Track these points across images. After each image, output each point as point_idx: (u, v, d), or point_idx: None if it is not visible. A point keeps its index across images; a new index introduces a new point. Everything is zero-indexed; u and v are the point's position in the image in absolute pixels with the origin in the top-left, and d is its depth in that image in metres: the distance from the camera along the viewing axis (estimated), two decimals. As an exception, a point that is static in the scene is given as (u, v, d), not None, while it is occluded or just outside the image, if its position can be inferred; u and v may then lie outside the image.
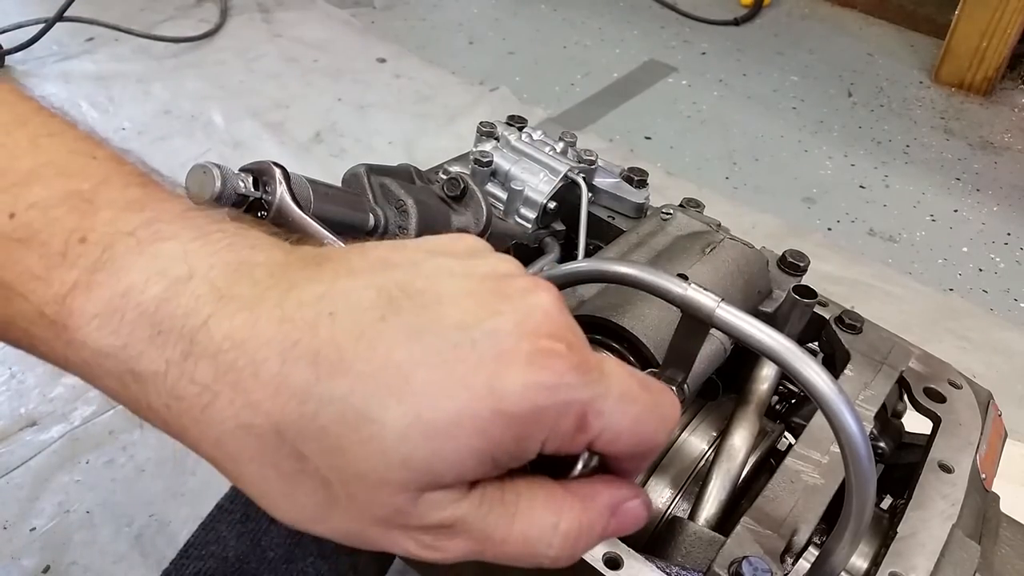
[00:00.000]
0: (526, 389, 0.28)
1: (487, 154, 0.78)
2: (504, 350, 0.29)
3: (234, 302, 0.29)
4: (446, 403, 0.28)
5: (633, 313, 0.60)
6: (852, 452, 0.39)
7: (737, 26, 2.32)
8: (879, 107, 2.03)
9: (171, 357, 0.29)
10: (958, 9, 2.05)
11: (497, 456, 0.29)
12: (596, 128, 1.83)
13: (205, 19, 1.98)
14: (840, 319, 0.68)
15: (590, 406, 0.30)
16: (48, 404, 1.07)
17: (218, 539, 0.84)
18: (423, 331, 0.29)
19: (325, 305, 0.29)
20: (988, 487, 0.60)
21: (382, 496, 0.28)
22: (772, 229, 1.55)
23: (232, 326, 0.29)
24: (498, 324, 0.29)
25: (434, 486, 0.29)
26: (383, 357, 0.28)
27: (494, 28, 2.18)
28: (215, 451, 0.29)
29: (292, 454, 0.28)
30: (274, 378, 0.28)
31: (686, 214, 0.76)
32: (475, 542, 0.31)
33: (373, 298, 0.29)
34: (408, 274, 0.31)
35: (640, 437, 0.32)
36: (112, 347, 0.29)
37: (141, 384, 0.29)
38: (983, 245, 1.61)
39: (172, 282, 0.29)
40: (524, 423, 0.28)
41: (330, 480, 0.28)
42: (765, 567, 0.47)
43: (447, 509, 0.29)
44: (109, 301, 0.29)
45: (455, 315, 0.29)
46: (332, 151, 1.63)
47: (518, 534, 0.31)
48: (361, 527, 0.30)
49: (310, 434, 0.28)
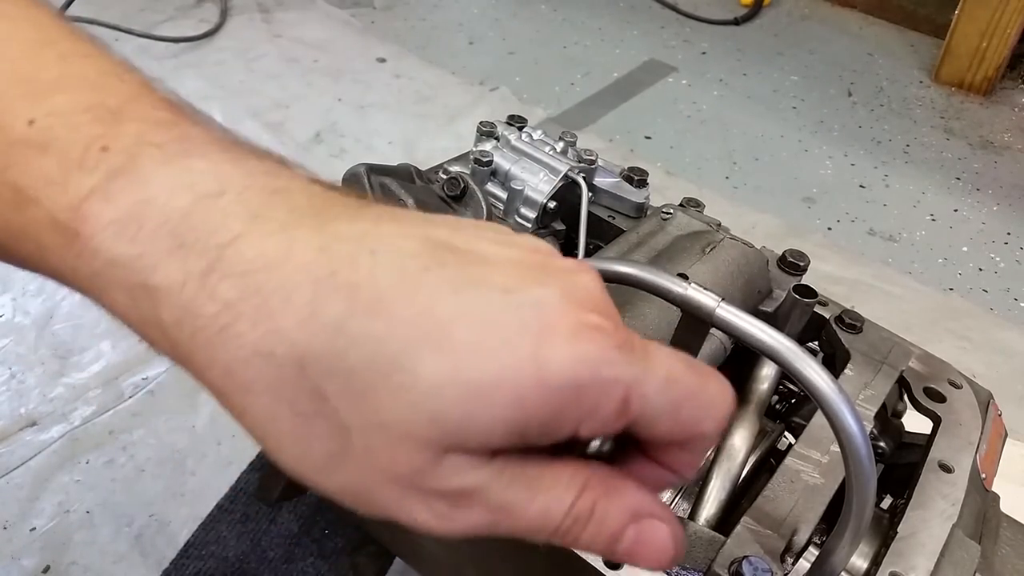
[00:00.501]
0: (571, 362, 0.26)
1: (487, 154, 0.78)
2: (549, 320, 0.27)
3: (269, 223, 0.27)
4: (487, 364, 0.26)
5: (633, 312, 0.60)
6: (852, 452, 0.39)
7: (737, 26, 2.32)
8: (879, 107, 2.03)
9: (192, 270, 0.26)
10: (958, 9, 2.05)
11: (529, 429, 0.27)
12: (596, 128, 1.83)
13: (205, 19, 1.98)
14: (840, 319, 0.68)
15: (634, 388, 0.28)
16: (48, 404, 1.07)
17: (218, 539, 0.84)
18: (468, 287, 0.27)
19: (368, 243, 0.27)
20: (988, 487, 0.60)
21: (403, 450, 0.26)
22: (772, 229, 1.55)
23: (264, 247, 0.27)
24: (544, 294, 0.28)
25: (459, 448, 0.27)
26: (425, 306, 0.26)
27: (494, 28, 2.18)
28: (224, 379, 0.27)
29: (312, 392, 0.26)
30: (305, 306, 0.26)
31: (686, 214, 0.76)
32: (491, 513, 0.28)
33: (417, 247, 0.28)
34: (452, 233, 0.29)
35: (681, 422, 0.30)
36: (126, 256, 0.27)
37: (153, 298, 0.27)
38: (983, 245, 1.61)
39: (201, 196, 0.27)
40: (563, 398, 0.27)
41: (349, 426, 0.26)
42: (765, 567, 0.47)
43: (468, 475, 0.27)
44: (128, 208, 0.27)
45: (501, 278, 0.28)
46: (332, 151, 1.63)
47: (537, 510, 0.29)
48: (373, 484, 0.27)
49: (336, 372, 0.26)
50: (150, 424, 1.06)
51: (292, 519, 0.85)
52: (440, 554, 0.66)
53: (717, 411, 0.31)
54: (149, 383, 1.10)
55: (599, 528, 0.30)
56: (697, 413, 0.30)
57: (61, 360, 1.12)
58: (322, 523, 0.85)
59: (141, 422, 1.06)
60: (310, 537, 0.84)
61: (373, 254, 0.27)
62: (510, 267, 0.28)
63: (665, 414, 0.29)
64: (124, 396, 1.09)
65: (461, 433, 0.26)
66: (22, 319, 1.17)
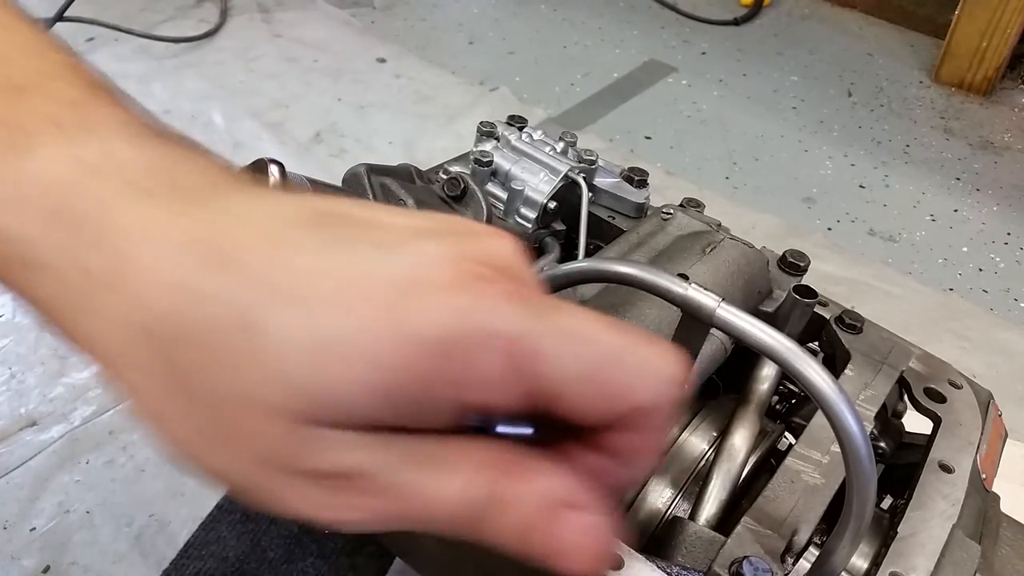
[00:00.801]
0: (438, 311, 0.23)
1: (487, 154, 0.78)
2: (424, 272, 0.24)
3: (145, 196, 0.25)
4: (342, 319, 0.23)
5: (633, 313, 0.60)
6: (852, 452, 0.39)
7: (737, 26, 2.32)
8: (879, 107, 2.03)
9: (64, 243, 0.25)
10: (958, 9, 2.05)
11: (395, 394, 0.23)
12: (596, 128, 1.83)
13: (205, 19, 1.98)
14: (840, 319, 0.68)
15: (524, 341, 0.24)
16: (48, 404, 1.07)
17: (218, 539, 0.84)
18: (337, 243, 0.24)
19: (242, 210, 0.25)
20: (988, 487, 0.60)
21: (260, 422, 0.23)
22: (772, 229, 1.55)
23: (134, 217, 0.25)
24: (427, 248, 0.24)
25: (326, 421, 0.23)
26: (283, 259, 0.24)
27: (494, 28, 2.18)
28: (98, 355, 0.25)
29: (166, 361, 0.24)
30: (159, 270, 0.24)
31: (686, 214, 0.76)
32: (378, 498, 0.24)
33: (293, 212, 0.25)
34: (349, 206, 0.26)
35: (602, 390, 0.25)
36: (6, 231, 0.25)
37: (28, 271, 0.26)
38: (983, 245, 1.61)
39: (83, 167, 0.26)
40: (429, 353, 0.23)
41: (205, 400, 0.24)
42: (765, 567, 0.47)
43: (345, 453, 0.24)
44: (11, 180, 0.26)
45: (379, 237, 0.25)
46: (332, 151, 1.63)
47: (431, 493, 0.25)
48: (243, 466, 0.24)
49: (182, 338, 0.23)
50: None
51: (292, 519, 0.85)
52: (440, 554, 0.66)
53: (653, 376, 0.26)
54: (149, 383, 1.10)
55: (507, 515, 0.25)
56: (622, 377, 0.25)
57: (61, 360, 1.12)
58: (322, 523, 0.85)
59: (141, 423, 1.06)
60: (310, 537, 0.84)
61: (242, 218, 0.25)
62: (398, 230, 0.25)
63: (576, 379, 0.24)
64: (124, 396, 1.09)
65: (316, 399, 0.23)
66: (22, 319, 1.17)
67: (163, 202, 0.25)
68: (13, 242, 0.25)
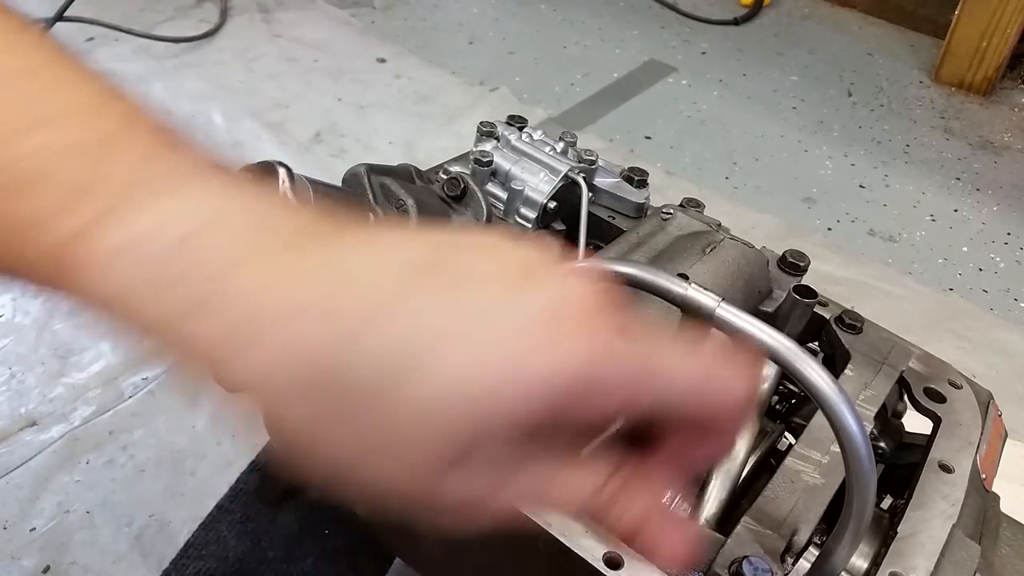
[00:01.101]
0: (580, 351, 0.28)
1: (487, 154, 0.78)
2: (544, 322, 0.28)
3: (262, 251, 0.28)
4: (483, 371, 0.27)
5: (633, 313, 0.60)
6: (852, 452, 0.39)
7: (737, 26, 2.32)
8: (879, 107, 2.03)
9: (192, 297, 0.27)
10: (958, 9, 2.05)
11: (550, 418, 0.28)
12: (596, 128, 1.83)
13: (205, 19, 1.98)
14: (840, 319, 0.68)
15: (640, 368, 0.29)
16: (48, 404, 1.07)
17: (218, 539, 0.85)
18: (458, 303, 0.28)
19: (357, 263, 0.29)
20: (988, 487, 0.60)
21: (430, 435, 0.28)
22: (772, 229, 1.55)
23: (260, 272, 0.28)
24: (538, 299, 0.29)
25: (488, 432, 0.28)
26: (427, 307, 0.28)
27: (494, 28, 2.18)
28: (257, 391, 0.28)
29: (327, 397, 0.28)
30: (309, 323, 0.27)
31: (686, 214, 0.76)
32: (535, 484, 0.30)
33: (412, 258, 0.29)
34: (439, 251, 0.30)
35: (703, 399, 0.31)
36: (118, 294, 0.28)
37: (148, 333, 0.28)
38: (983, 245, 1.61)
39: (193, 228, 0.28)
40: (580, 386, 0.28)
41: (372, 420, 0.28)
42: (765, 567, 0.47)
43: (508, 451, 0.29)
44: (118, 245, 0.28)
45: (491, 290, 0.29)
46: (332, 151, 1.63)
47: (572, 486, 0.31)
48: (401, 471, 0.29)
49: (346, 375, 0.27)
50: (150, 424, 1.06)
51: (292, 519, 0.85)
52: (440, 554, 0.66)
53: (737, 388, 0.32)
54: (149, 383, 1.10)
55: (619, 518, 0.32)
56: (716, 389, 0.31)
57: (61, 360, 1.12)
58: (322, 523, 0.85)
59: (141, 422, 1.06)
60: (310, 537, 0.84)
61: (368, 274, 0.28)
62: (500, 277, 0.29)
63: (683, 391, 0.30)
64: (124, 396, 1.09)
65: (489, 419, 0.27)
66: (22, 319, 1.17)
67: (279, 253, 0.28)
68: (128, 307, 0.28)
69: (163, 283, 0.27)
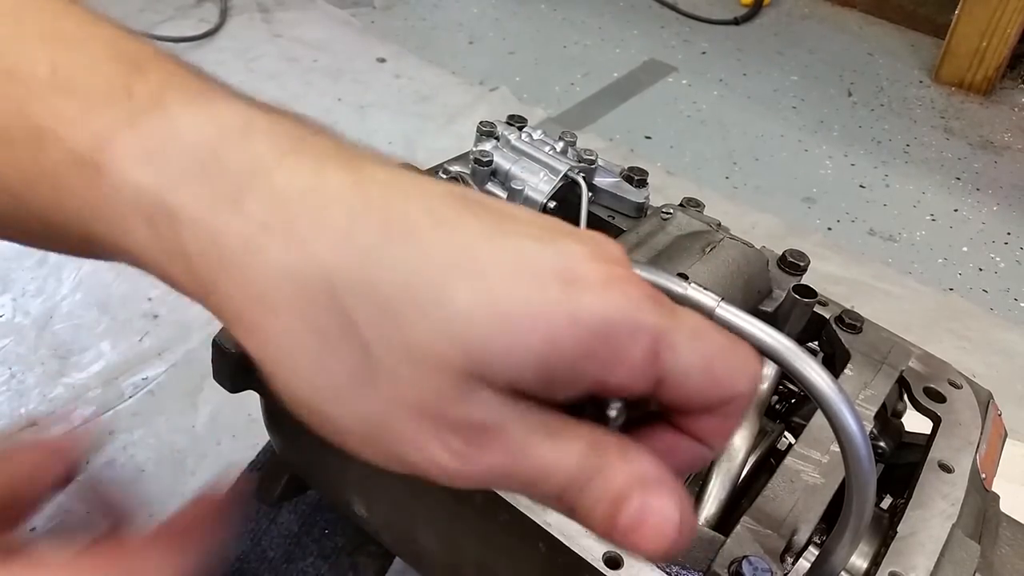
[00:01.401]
0: (603, 304, 0.26)
1: (487, 154, 0.78)
2: (580, 269, 0.27)
3: (299, 158, 0.27)
4: (521, 298, 0.26)
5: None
6: (852, 452, 0.39)
7: (737, 26, 2.32)
8: (879, 107, 2.03)
9: (220, 193, 0.26)
10: (958, 9, 2.05)
11: (557, 369, 0.26)
12: (596, 128, 1.83)
13: (205, 19, 1.98)
14: (840, 319, 0.68)
15: (663, 336, 0.27)
16: (48, 404, 1.07)
17: (218, 539, 0.84)
18: (500, 235, 0.27)
19: (399, 186, 0.28)
20: (988, 487, 0.60)
21: (431, 375, 0.26)
22: (772, 229, 1.55)
23: (295, 175, 0.27)
24: (574, 247, 0.28)
25: (487, 380, 0.26)
26: (459, 243, 0.27)
27: (494, 28, 2.18)
28: (249, 303, 0.27)
29: (340, 315, 0.26)
30: (339, 231, 0.26)
31: (686, 214, 0.76)
32: (509, 455, 0.27)
33: (446, 195, 0.28)
34: (479, 195, 0.30)
35: (715, 379, 0.29)
36: (150, 183, 0.27)
37: (177, 226, 0.27)
38: (983, 245, 1.61)
39: (228, 131, 0.28)
40: (594, 338, 0.26)
41: (375, 351, 0.26)
42: (765, 567, 0.47)
43: (494, 409, 0.27)
44: (154, 139, 0.27)
45: (532, 231, 0.28)
46: (332, 151, 1.63)
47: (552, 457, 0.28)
48: (389, 412, 0.27)
49: (367, 295, 0.26)
50: (150, 424, 1.06)
51: (292, 519, 0.85)
52: (440, 554, 0.66)
53: (750, 368, 0.30)
54: (149, 383, 1.10)
55: (603, 488, 0.28)
56: (730, 369, 0.29)
57: (61, 360, 1.12)
58: (322, 523, 0.85)
59: (141, 422, 1.06)
60: (310, 537, 0.84)
61: (405, 194, 0.27)
62: (538, 224, 0.29)
63: (696, 368, 0.28)
64: (124, 396, 1.09)
65: (491, 362, 0.26)
66: (22, 319, 1.17)
67: (317, 165, 0.27)
68: (156, 193, 0.27)
69: (200, 173, 0.27)
